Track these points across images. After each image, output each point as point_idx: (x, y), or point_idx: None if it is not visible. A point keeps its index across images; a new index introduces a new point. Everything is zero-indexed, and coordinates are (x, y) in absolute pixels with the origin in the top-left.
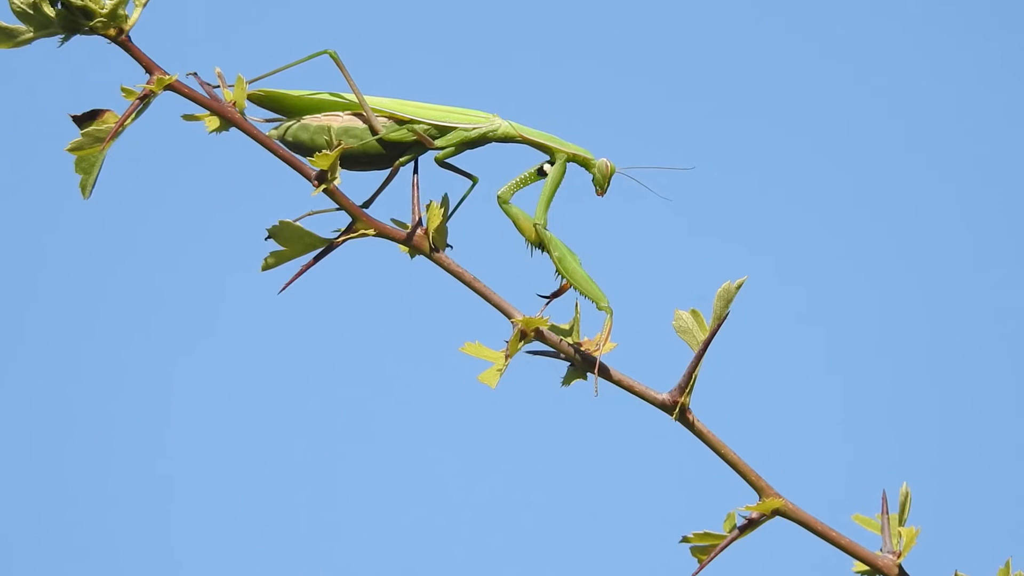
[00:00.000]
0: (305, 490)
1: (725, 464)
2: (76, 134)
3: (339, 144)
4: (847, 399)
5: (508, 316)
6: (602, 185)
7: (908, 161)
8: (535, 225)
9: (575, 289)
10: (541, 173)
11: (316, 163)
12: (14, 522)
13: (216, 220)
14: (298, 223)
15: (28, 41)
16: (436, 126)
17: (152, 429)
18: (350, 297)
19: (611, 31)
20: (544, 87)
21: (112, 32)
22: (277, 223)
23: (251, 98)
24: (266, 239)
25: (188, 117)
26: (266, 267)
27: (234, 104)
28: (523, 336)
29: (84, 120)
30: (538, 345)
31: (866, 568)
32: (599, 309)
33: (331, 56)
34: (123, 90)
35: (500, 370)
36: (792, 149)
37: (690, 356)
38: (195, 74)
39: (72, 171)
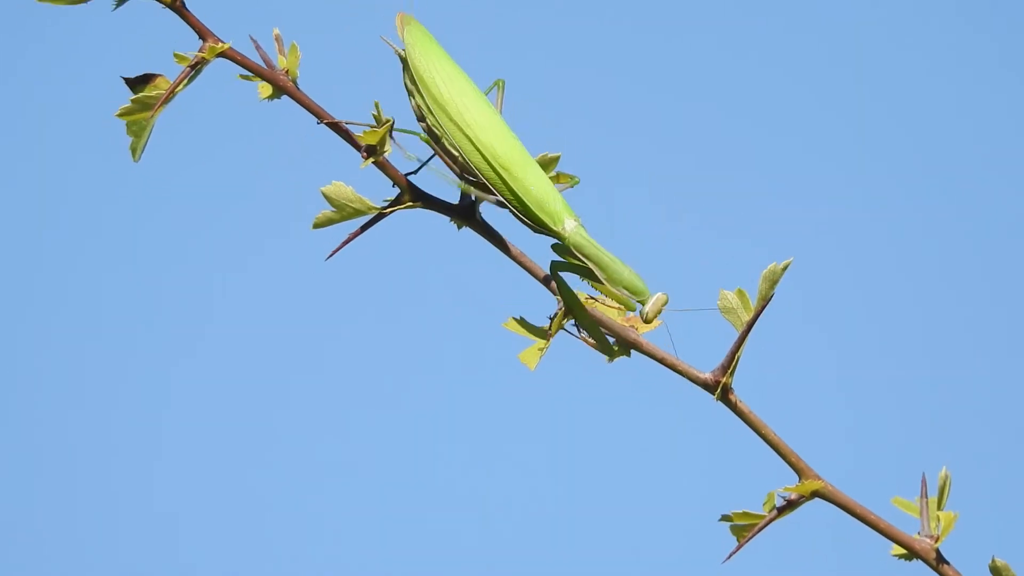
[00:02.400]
0: (315, 482)
1: (766, 445)
2: (126, 98)
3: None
4: (889, 382)
5: (554, 292)
6: (647, 319)
7: (918, 150)
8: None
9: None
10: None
11: (364, 139)
12: (8, 522)
13: (258, 186)
14: (349, 189)
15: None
16: (511, 199)
17: (155, 411)
18: (373, 276)
19: (613, 29)
20: (547, 86)
21: None
22: (331, 184)
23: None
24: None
25: (244, 77)
26: (316, 226)
27: (287, 72)
28: (567, 313)
29: (137, 83)
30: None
31: (904, 551)
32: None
33: (499, 85)
34: (176, 56)
35: (541, 349)
36: (805, 146)
37: (729, 340)
38: (253, 38)
39: (122, 134)
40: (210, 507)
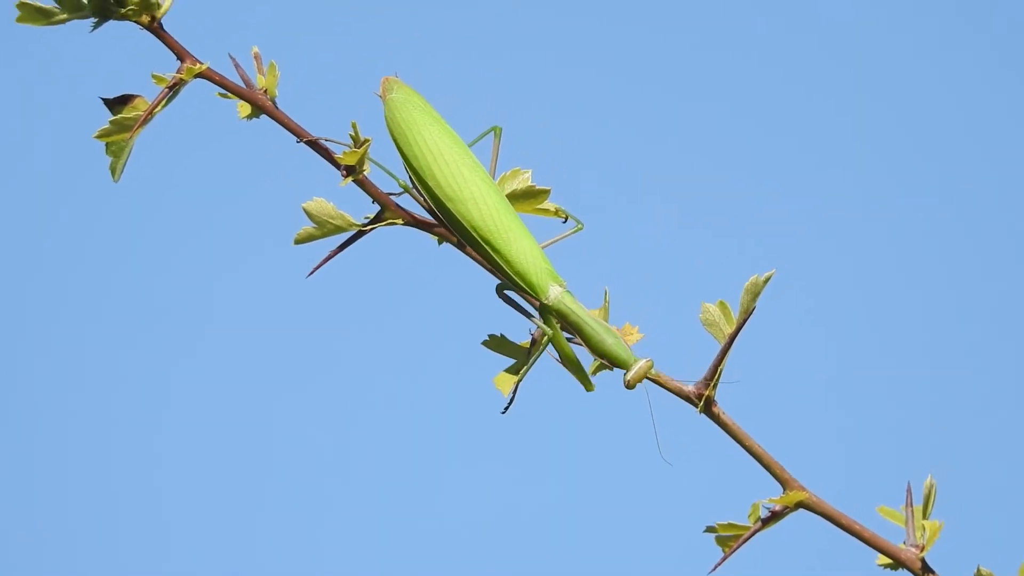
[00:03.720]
0: (314, 483)
1: (750, 456)
2: (107, 117)
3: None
4: (873, 391)
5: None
6: (628, 386)
7: (915, 151)
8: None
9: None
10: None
11: (343, 160)
12: (11, 523)
13: (239, 202)
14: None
15: (62, 21)
16: (492, 267)
17: (160, 407)
18: (361, 290)
19: (608, 30)
20: (541, 87)
21: (144, 19)
22: (312, 200)
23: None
24: None
25: (223, 96)
26: (297, 242)
27: (265, 91)
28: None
29: (116, 104)
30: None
31: (889, 561)
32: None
33: (496, 131)
34: (154, 77)
35: (518, 374)
36: (801, 150)
37: (712, 351)
38: (232, 57)
39: (96, 155)
40: (209, 508)
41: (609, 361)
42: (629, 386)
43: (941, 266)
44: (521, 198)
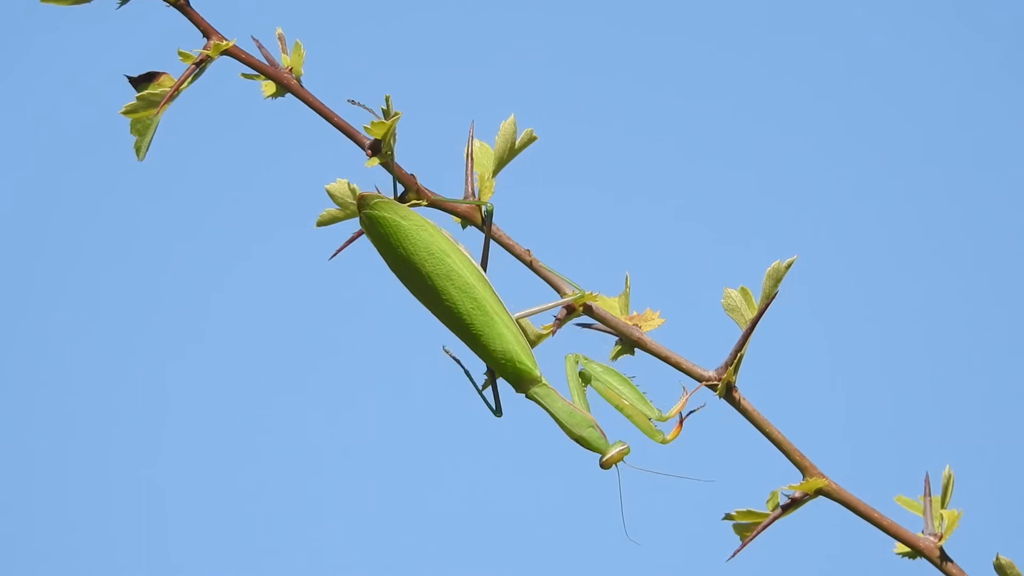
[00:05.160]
0: (315, 482)
1: (770, 442)
2: (128, 98)
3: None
4: (892, 380)
5: (558, 291)
6: (603, 467)
7: (914, 153)
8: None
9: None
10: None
11: (371, 132)
12: (10, 522)
13: (262, 183)
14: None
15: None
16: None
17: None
18: (376, 274)
19: (607, 30)
20: (532, 85)
21: None
22: (335, 182)
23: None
24: None
25: (247, 76)
26: (320, 224)
27: (290, 70)
28: (571, 311)
29: (141, 82)
30: (587, 319)
31: (907, 550)
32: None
33: (488, 209)
34: (180, 54)
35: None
36: (800, 148)
37: (733, 338)
38: (255, 39)
39: (125, 133)
40: (209, 507)
41: (584, 448)
42: (604, 468)
43: (959, 252)
44: None
